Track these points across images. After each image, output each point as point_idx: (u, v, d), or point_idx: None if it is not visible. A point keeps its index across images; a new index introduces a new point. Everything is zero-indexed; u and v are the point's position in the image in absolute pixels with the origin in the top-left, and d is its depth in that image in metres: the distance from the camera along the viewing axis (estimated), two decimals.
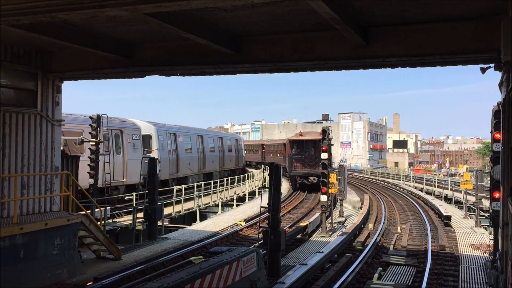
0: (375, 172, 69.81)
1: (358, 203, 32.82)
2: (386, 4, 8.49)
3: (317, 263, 14.31)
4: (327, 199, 20.32)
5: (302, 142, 40.28)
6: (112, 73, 12.97)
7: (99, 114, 19.94)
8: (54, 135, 13.67)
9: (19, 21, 7.41)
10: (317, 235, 20.15)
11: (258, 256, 11.08)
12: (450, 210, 28.90)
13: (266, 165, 51.43)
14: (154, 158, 19.00)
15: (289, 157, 40.54)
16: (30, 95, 13.14)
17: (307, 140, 40.11)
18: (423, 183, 45.96)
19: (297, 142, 40.66)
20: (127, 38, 11.64)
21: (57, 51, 13.05)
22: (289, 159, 40.16)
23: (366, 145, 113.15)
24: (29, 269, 11.44)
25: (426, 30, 9.43)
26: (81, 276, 12.73)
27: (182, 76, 13.12)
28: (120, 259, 14.59)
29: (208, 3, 6.29)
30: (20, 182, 12.33)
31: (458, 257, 16.45)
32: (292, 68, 11.47)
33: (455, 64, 10.28)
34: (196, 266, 9.41)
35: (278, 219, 13.62)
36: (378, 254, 17.45)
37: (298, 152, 39.89)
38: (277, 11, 8.97)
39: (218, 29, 10.25)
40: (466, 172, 33.35)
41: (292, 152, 40.21)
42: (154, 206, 18.15)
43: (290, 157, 40.25)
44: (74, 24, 10.34)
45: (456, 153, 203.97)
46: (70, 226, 12.70)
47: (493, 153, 11.42)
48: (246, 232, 21.38)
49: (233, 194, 33.80)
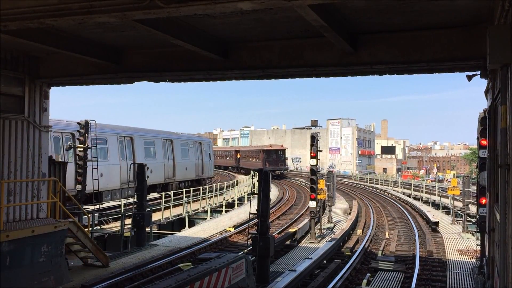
0: (363, 178, 70.09)
1: (347, 209, 32.93)
2: (373, 12, 8.58)
3: (306, 269, 14.31)
4: (316, 205, 20.36)
5: (270, 151, 67.15)
6: (101, 79, 12.91)
7: (87, 120, 19.82)
8: (41, 141, 13.55)
9: (7, 27, 7.35)
10: (306, 241, 20.18)
11: (247, 262, 11.07)
12: (438, 215, 29.13)
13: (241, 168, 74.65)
14: (142, 164, 18.90)
15: (262, 159, 64.94)
16: (17, 100, 13.01)
17: (273, 150, 67.66)
18: (411, 189, 46.27)
19: (268, 151, 67.04)
20: (115, 44, 11.61)
21: (44, 56, 12.97)
22: (263, 161, 64.33)
23: (355, 151, 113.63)
24: (16, 277, 11.30)
25: (413, 38, 9.54)
26: (68, 284, 12.61)
27: (171, 82, 13.10)
28: (108, 266, 14.47)
29: (197, 10, 6.30)
30: (6, 188, 12.18)
31: (445, 263, 16.56)
32: (281, 74, 11.51)
33: (441, 71, 10.39)
34: (184, 273, 9.37)
35: (267, 225, 13.62)
36: (367, 260, 17.51)
37: (268, 157, 65.47)
38: (266, 18, 9.02)
39: (207, 36, 10.27)
40: (453, 178, 33.63)
41: (264, 156, 65.31)
42: (142, 212, 18.05)
43: (263, 159, 64.83)
44: (62, 30, 10.30)
45: (444, 159, 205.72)
46: (57, 233, 12.58)
47: (479, 159, 11.54)
48: (235, 238, 21.34)
49: (222, 200, 33.73)
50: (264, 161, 63.61)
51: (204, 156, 39.02)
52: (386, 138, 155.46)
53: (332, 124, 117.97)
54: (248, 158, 72.40)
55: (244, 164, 72.39)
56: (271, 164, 63.29)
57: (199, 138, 41.86)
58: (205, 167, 39.27)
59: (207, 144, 41.13)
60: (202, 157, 38.56)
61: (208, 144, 41.60)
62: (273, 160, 64.83)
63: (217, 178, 62.14)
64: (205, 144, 40.34)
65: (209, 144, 42.45)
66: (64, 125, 22.97)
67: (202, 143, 39.74)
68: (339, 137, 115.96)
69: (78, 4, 6.44)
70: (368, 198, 42.55)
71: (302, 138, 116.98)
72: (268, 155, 65.27)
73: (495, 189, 8.61)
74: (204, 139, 43.07)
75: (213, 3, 5.96)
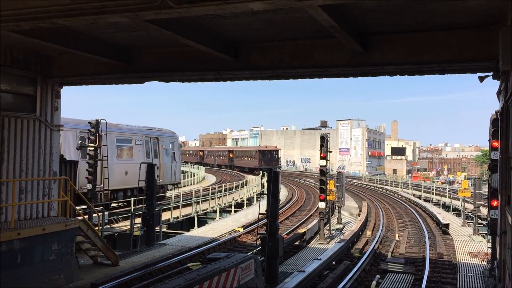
0: (373, 179, 69.82)
1: (356, 210, 32.81)
2: (384, 13, 8.54)
3: (315, 270, 14.29)
4: (325, 206, 20.31)
5: (265, 151, 75.46)
6: (111, 78, 12.99)
7: (98, 119, 19.96)
8: (52, 140, 13.65)
9: (20, 26, 7.42)
10: (315, 242, 20.13)
11: (256, 262, 11.07)
12: (448, 217, 28.91)
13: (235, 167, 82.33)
14: (152, 164, 18.99)
15: (259, 159, 73.29)
16: (29, 100, 13.13)
17: (268, 150, 76.25)
18: (421, 191, 45.98)
19: (263, 151, 75.36)
20: (126, 44, 11.67)
21: (56, 56, 13.08)
22: (259, 160, 72.81)
23: (365, 152, 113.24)
24: (26, 275, 11.39)
25: (425, 39, 9.47)
26: (78, 282, 12.69)
27: (181, 82, 13.14)
28: (117, 264, 14.55)
29: (208, 11, 6.31)
30: (18, 187, 12.29)
31: (456, 265, 16.44)
32: (291, 75, 11.49)
33: (453, 72, 10.32)
34: (193, 272, 9.39)
35: (276, 226, 13.61)
36: (376, 261, 17.43)
37: (263, 156, 73.78)
38: (277, 19, 9.02)
39: (217, 36, 10.29)
40: (464, 180, 33.38)
41: (260, 156, 73.58)
42: (152, 211, 18.11)
43: (259, 159, 73.11)
44: (74, 29, 10.37)
45: (454, 161, 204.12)
46: (67, 232, 12.67)
47: (491, 161, 11.45)
48: (244, 238, 21.34)
49: (231, 200, 33.77)
50: (260, 160, 72.70)
51: (163, 156, 29.53)
52: (396, 139, 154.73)
53: (342, 125, 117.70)
54: (243, 158, 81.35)
55: (238, 163, 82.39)
56: (266, 163, 71.41)
57: (156, 133, 30.03)
58: (165, 170, 29.20)
59: (169, 141, 30.89)
60: (160, 158, 29.17)
61: (170, 141, 31.21)
62: (268, 160, 73.19)
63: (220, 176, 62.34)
64: (165, 140, 30.34)
65: (173, 141, 31.64)
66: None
67: (161, 138, 29.56)
68: (349, 138, 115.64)
69: (90, 4, 6.48)
70: (377, 200, 42.36)
71: (311, 138, 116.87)
72: (263, 155, 73.89)
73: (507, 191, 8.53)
74: (165, 134, 31.10)
75: (224, 4, 5.96)
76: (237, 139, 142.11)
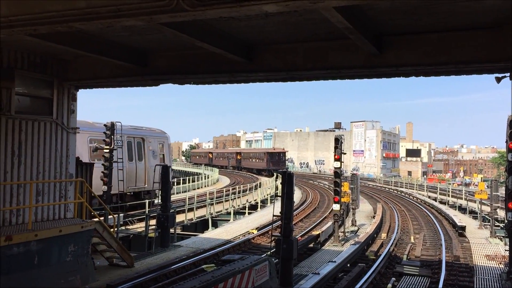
0: (388, 181, 69.32)
1: (371, 212, 32.61)
2: (399, 14, 8.49)
3: (330, 272, 14.23)
4: (339, 208, 20.22)
5: (273, 153, 79.16)
6: (127, 81, 13.09)
7: (113, 122, 20.12)
8: (69, 142, 13.81)
9: (37, 30, 7.51)
10: (330, 244, 20.05)
11: (270, 265, 11.05)
12: (465, 220, 28.59)
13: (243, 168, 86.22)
14: (167, 166, 19.09)
15: (267, 160, 76.81)
16: (46, 103, 13.30)
17: (276, 152, 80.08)
18: (437, 193, 45.53)
19: (271, 153, 78.92)
20: (141, 47, 11.77)
21: (72, 59, 13.22)
22: (267, 162, 76.61)
23: (379, 153, 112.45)
24: (43, 276, 11.52)
25: (440, 39, 9.39)
26: (94, 283, 12.80)
27: (196, 84, 13.19)
28: (132, 266, 14.64)
29: (222, 13, 6.33)
30: (35, 189, 12.45)
31: (472, 268, 16.25)
32: (305, 77, 11.47)
33: (469, 73, 10.21)
34: (208, 274, 9.40)
35: (290, 228, 13.57)
36: (392, 264, 17.30)
37: (271, 158, 77.08)
38: (291, 21, 9.02)
39: (231, 38, 10.32)
40: (481, 182, 32.96)
41: (268, 157, 76.92)
42: (166, 213, 18.21)
43: (267, 160, 76.65)
44: (90, 33, 10.48)
45: (471, 162, 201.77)
46: (83, 233, 12.78)
47: (508, 163, 11.32)
48: (258, 240, 21.34)
49: (245, 202, 33.79)
50: (268, 161, 76.62)
51: (149, 159, 26.41)
52: (411, 141, 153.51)
53: (356, 127, 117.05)
54: (251, 159, 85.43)
55: (246, 164, 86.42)
56: (274, 164, 75.19)
57: (141, 132, 26.81)
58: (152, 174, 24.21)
59: (157, 141, 27.69)
60: (145, 160, 26.41)
61: (159, 141, 28.06)
62: (276, 161, 77.02)
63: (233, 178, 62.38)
64: (153, 140, 27.08)
65: (163, 141, 28.47)
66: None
67: (147, 139, 26.37)
68: (363, 140, 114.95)
69: (105, 8, 6.54)
70: (392, 202, 42.05)
71: (325, 140, 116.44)
72: (271, 157, 77.49)
73: None
74: (153, 134, 27.69)
75: (238, 6, 5.97)
76: (251, 141, 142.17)
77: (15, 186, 12.12)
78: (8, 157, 12.00)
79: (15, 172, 12.19)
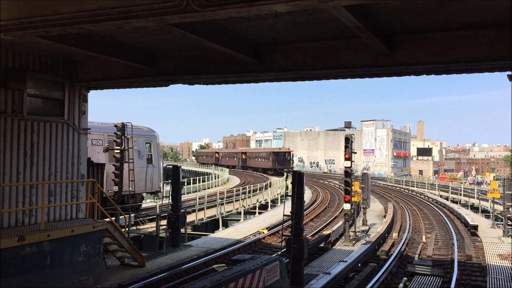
0: (399, 180, 68.96)
1: (382, 212, 32.45)
2: (409, 12, 8.44)
3: (341, 272, 14.19)
4: (350, 208, 20.15)
5: (279, 153, 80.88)
6: (137, 82, 13.16)
7: (123, 122, 20.24)
8: (80, 143, 13.91)
9: (48, 32, 7.59)
10: (340, 244, 19.98)
11: (281, 264, 11.05)
12: (477, 219, 28.34)
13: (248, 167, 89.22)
14: (177, 166, 19.15)
15: (272, 159, 78.87)
16: (57, 104, 13.41)
17: (281, 152, 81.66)
18: (448, 192, 45.18)
19: (277, 153, 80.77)
20: (151, 48, 11.82)
21: (83, 61, 13.32)
22: (273, 161, 78.68)
23: (390, 152, 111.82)
24: (56, 276, 11.62)
25: (451, 38, 9.31)
26: (106, 283, 12.88)
27: (205, 84, 13.23)
28: (144, 266, 14.72)
29: (232, 13, 6.34)
30: (47, 189, 12.56)
31: (485, 268, 16.11)
32: (315, 76, 11.45)
33: (481, 71, 10.12)
34: (219, 274, 9.42)
35: (301, 227, 13.55)
36: (403, 263, 17.20)
37: (277, 157, 78.94)
38: (300, 20, 9.00)
39: (241, 38, 10.33)
40: (493, 181, 32.68)
41: (274, 157, 78.81)
42: (177, 213, 18.27)
43: (273, 159, 78.74)
44: (100, 34, 10.55)
45: (483, 161, 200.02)
46: (95, 233, 12.87)
47: None
48: (268, 240, 21.33)
49: (256, 202, 33.80)
50: (274, 161, 78.77)
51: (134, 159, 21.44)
52: (422, 140, 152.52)
53: (367, 126, 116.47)
54: (256, 159, 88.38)
55: (252, 164, 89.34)
56: (280, 163, 77.72)
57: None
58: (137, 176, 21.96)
59: (143, 140, 25.02)
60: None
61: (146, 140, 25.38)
62: (281, 160, 78.99)
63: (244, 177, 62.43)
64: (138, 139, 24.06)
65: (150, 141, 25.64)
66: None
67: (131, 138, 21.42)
68: (373, 139, 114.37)
69: (116, 9, 6.58)
70: (403, 201, 41.81)
71: (335, 139, 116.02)
72: (277, 156, 79.46)
73: None
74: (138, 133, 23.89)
75: (248, 6, 5.98)
76: (261, 140, 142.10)
77: (27, 187, 12.25)
78: (20, 158, 12.12)
79: (28, 173, 12.31)
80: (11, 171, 11.88)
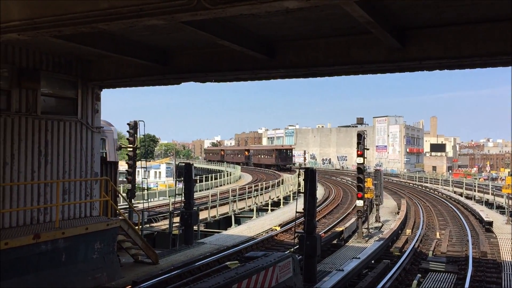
0: (412, 177, 68.49)
1: (395, 208, 32.27)
2: (422, 7, 8.36)
3: (354, 269, 14.14)
4: (363, 204, 20.06)
5: (281, 150, 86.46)
6: (149, 80, 13.21)
7: (136, 121, 20.34)
8: (93, 141, 14.02)
9: (61, 32, 7.63)
10: (353, 241, 19.92)
11: (294, 261, 11.03)
12: (492, 215, 28.05)
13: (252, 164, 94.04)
14: (190, 164, 19.21)
15: (275, 156, 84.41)
16: (71, 103, 13.52)
17: (284, 149, 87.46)
18: (462, 188, 44.78)
19: (279, 150, 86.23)
20: (163, 46, 11.86)
21: (96, 60, 13.41)
22: (276, 157, 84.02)
23: (403, 149, 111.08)
24: (70, 273, 11.74)
25: (465, 32, 9.21)
26: (120, 280, 12.98)
27: (217, 82, 13.24)
28: (157, 263, 14.80)
29: (243, 10, 6.32)
30: (62, 187, 12.68)
31: (500, 264, 15.96)
32: (327, 72, 11.41)
33: (495, 65, 10.01)
34: (232, 271, 9.44)
35: (313, 224, 13.54)
36: (417, 260, 17.10)
37: (279, 154, 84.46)
38: (312, 16, 8.97)
39: (252, 35, 10.32)
40: (508, 176, 32.29)
41: (277, 154, 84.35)
42: (190, 211, 18.35)
43: (276, 156, 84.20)
44: (113, 33, 10.61)
45: (497, 157, 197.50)
46: (109, 231, 12.97)
47: None
48: (281, 237, 21.33)
49: (268, 199, 33.81)
50: (277, 158, 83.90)
51: None
52: (435, 136, 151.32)
53: (379, 122, 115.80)
54: (260, 156, 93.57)
55: (256, 161, 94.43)
56: (282, 160, 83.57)
57: None
58: None
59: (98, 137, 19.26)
60: None
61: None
62: (284, 157, 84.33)
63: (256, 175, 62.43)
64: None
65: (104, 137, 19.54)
66: None
67: None
68: (386, 135, 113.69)
69: (128, 8, 6.60)
70: (417, 197, 41.53)
71: (347, 136, 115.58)
72: (280, 153, 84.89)
73: None
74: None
75: (259, 3, 5.96)
76: (273, 137, 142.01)
77: (42, 185, 12.38)
78: (35, 157, 12.25)
79: (42, 171, 12.44)
80: (26, 170, 12.01)
